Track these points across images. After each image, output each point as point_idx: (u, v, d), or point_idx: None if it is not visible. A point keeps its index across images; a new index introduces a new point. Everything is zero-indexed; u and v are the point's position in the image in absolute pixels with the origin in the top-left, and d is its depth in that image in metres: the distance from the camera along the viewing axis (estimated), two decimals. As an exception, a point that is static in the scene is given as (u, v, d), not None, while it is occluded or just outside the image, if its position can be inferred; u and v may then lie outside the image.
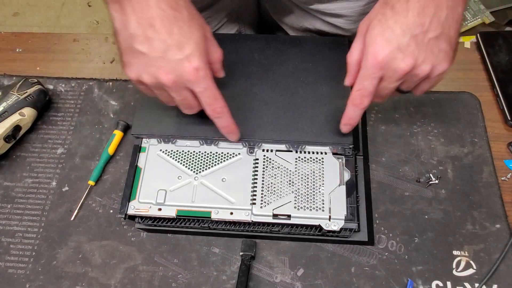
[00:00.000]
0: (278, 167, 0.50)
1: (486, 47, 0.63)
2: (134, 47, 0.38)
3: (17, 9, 1.73)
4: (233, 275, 0.50)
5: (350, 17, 0.56)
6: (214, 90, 0.41)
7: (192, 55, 0.38)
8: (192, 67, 0.38)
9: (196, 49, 0.38)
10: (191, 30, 0.38)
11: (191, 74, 0.38)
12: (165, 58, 0.38)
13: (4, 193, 0.57)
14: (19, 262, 0.52)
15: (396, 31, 0.37)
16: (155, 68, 0.39)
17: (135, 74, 0.40)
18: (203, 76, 0.39)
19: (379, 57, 0.38)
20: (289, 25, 0.68)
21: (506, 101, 0.59)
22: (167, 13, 0.37)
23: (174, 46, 0.37)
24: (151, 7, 0.36)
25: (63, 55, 0.68)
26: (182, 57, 0.38)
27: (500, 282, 0.49)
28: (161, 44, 0.37)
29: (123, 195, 0.49)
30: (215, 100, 0.42)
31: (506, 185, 0.54)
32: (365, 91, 0.41)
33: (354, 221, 0.47)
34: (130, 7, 0.37)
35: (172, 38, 0.37)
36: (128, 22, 0.37)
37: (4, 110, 0.56)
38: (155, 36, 0.37)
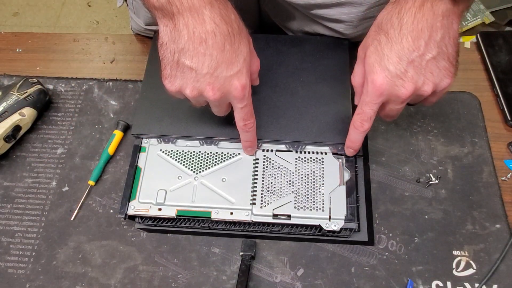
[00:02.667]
0: (278, 167, 0.50)
1: (486, 47, 0.63)
2: (183, 62, 0.38)
3: (17, 9, 1.72)
4: (233, 275, 0.50)
5: (350, 22, 0.56)
6: (251, 106, 0.42)
7: (241, 72, 0.38)
8: (240, 85, 0.38)
9: (244, 65, 0.38)
10: (241, 45, 0.38)
11: (238, 91, 0.38)
12: (214, 75, 0.37)
13: (4, 193, 0.57)
14: (19, 262, 0.52)
15: (392, 59, 0.37)
16: (202, 84, 0.38)
17: (177, 87, 0.40)
18: (248, 94, 0.39)
19: (378, 86, 0.38)
20: (289, 28, 0.68)
21: (506, 101, 0.59)
22: (220, 28, 0.36)
23: (225, 63, 0.37)
24: (205, 22, 0.36)
25: (63, 55, 0.68)
26: (232, 74, 0.37)
27: (500, 282, 0.49)
28: (211, 61, 0.37)
29: (123, 195, 0.49)
30: (251, 116, 0.43)
31: (506, 185, 0.54)
32: (364, 116, 0.41)
33: (354, 221, 0.47)
34: (183, 21, 0.36)
35: (223, 55, 0.37)
36: (179, 37, 0.37)
37: (4, 110, 0.56)
38: (206, 52, 0.36)
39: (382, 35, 0.38)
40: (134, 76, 0.64)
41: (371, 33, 0.41)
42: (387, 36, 0.38)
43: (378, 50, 0.38)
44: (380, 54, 0.38)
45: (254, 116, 0.43)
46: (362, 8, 0.54)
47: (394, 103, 0.41)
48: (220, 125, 0.50)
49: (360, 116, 0.42)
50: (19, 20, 1.70)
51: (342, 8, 0.55)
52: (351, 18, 0.55)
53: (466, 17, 1.16)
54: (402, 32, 0.37)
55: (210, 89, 0.38)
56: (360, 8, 0.54)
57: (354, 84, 0.44)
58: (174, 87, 0.40)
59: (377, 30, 0.39)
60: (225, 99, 0.40)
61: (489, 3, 1.19)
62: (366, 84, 0.40)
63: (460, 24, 0.39)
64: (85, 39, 0.69)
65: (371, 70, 0.39)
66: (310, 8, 0.57)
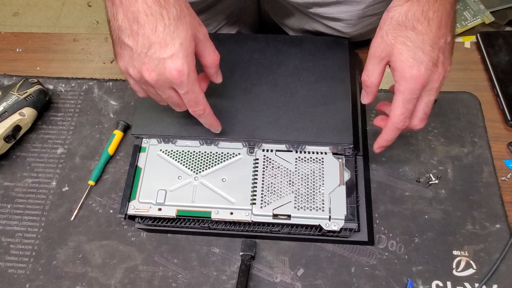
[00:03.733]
0: (278, 167, 0.50)
1: (486, 47, 0.63)
2: (122, 39, 0.38)
3: (17, 9, 1.72)
4: (233, 275, 0.50)
5: (349, 20, 0.56)
6: (196, 93, 0.40)
7: (175, 56, 0.37)
8: (174, 68, 0.37)
9: (180, 49, 0.37)
10: (178, 29, 0.37)
11: (172, 75, 0.38)
12: (148, 55, 0.37)
13: (4, 193, 0.57)
14: (19, 262, 0.52)
15: (426, 49, 0.39)
16: (140, 63, 0.38)
17: (124, 66, 0.40)
18: (186, 79, 0.38)
19: (420, 79, 0.40)
20: (289, 27, 0.69)
21: (506, 101, 0.59)
22: (152, 9, 0.36)
23: (157, 44, 0.37)
24: (137, 2, 0.36)
25: (63, 55, 0.68)
26: (165, 56, 0.37)
27: (500, 282, 0.49)
28: (144, 40, 0.37)
29: (123, 195, 0.49)
30: (196, 103, 0.42)
31: (506, 185, 0.54)
32: (408, 113, 0.42)
33: (354, 221, 0.47)
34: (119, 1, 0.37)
35: (155, 36, 0.36)
36: (117, 14, 0.37)
37: (4, 110, 0.56)
38: (139, 31, 0.37)
39: (409, 31, 0.40)
40: (134, 76, 0.64)
41: (389, 32, 0.41)
42: (415, 31, 0.39)
43: (409, 45, 0.40)
44: (413, 49, 0.40)
45: (203, 103, 0.42)
46: (360, 6, 0.54)
47: (430, 93, 0.42)
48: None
49: (405, 116, 0.42)
50: (19, 20, 1.70)
51: (340, 6, 0.55)
52: (350, 17, 0.55)
53: (466, 17, 1.16)
54: (430, 24, 0.39)
55: (145, 69, 0.38)
56: (359, 6, 0.54)
57: (367, 84, 0.44)
58: (122, 66, 0.40)
59: (399, 28, 0.40)
60: (164, 83, 0.39)
61: (489, 3, 1.19)
62: (404, 81, 0.41)
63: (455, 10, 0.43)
64: (85, 39, 0.69)
65: (407, 66, 0.40)
66: (309, 7, 0.57)
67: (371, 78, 0.43)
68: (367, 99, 0.46)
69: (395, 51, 0.41)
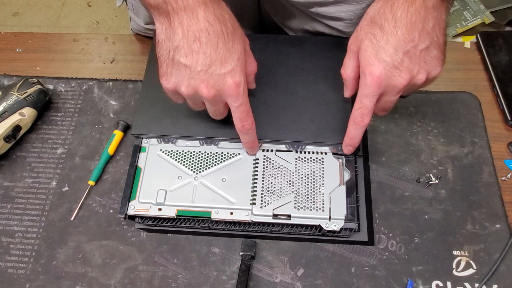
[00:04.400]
0: (278, 167, 0.50)
1: (486, 47, 0.63)
2: (177, 59, 0.38)
3: (17, 9, 1.72)
4: (233, 275, 0.50)
5: (350, 20, 0.56)
6: (248, 106, 0.42)
7: (234, 70, 0.38)
8: (233, 82, 0.38)
9: (238, 64, 0.39)
10: (235, 44, 0.38)
11: (232, 89, 0.39)
12: (208, 72, 0.38)
13: (4, 193, 0.57)
14: (19, 262, 0.52)
15: (388, 51, 0.39)
16: (197, 82, 0.39)
17: (173, 84, 0.40)
18: (242, 92, 0.40)
19: (377, 77, 0.39)
20: (289, 27, 0.69)
21: (506, 101, 0.59)
22: (214, 27, 0.37)
23: (218, 60, 0.38)
24: (199, 21, 0.37)
25: (63, 55, 0.68)
26: (225, 71, 0.38)
27: (500, 282, 0.49)
28: (206, 59, 0.37)
29: (123, 195, 0.49)
30: (247, 116, 0.43)
31: (506, 185, 0.54)
32: (365, 109, 0.42)
33: (354, 221, 0.47)
34: (178, 20, 0.37)
35: (216, 53, 0.37)
36: (173, 35, 0.38)
37: (4, 110, 0.56)
38: (200, 49, 0.37)
39: (376, 28, 0.39)
40: (134, 76, 0.64)
41: (362, 27, 0.41)
42: (382, 29, 0.39)
43: (374, 43, 0.39)
44: (376, 46, 0.39)
45: (252, 117, 0.43)
46: (361, 5, 0.54)
47: (391, 94, 0.42)
48: (220, 125, 0.50)
49: (361, 110, 0.42)
50: (19, 20, 1.70)
51: (341, 6, 0.55)
52: (351, 16, 0.56)
53: (466, 17, 1.16)
54: (397, 25, 0.38)
55: (204, 87, 0.39)
56: (359, 5, 0.54)
57: (344, 77, 0.45)
58: (170, 84, 0.40)
59: (370, 24, 0.40)
60: (219, 98, 0.40)
61: (489, 3, 1.19)
62: (364, 77, 0.41)
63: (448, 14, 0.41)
64: (85, 39, 0.69)
65: (368, 63, 0.40)
66: (310, 6, 0.57)
67: (347, 71, 0.44)
68: (347, 93, 0.47)
69: (362, 46, 0.41)
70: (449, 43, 0.68)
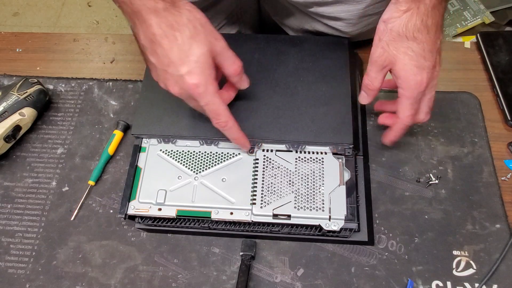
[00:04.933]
0: (278, 167, 0.50)
1: (486, 47, 0.63)
2: (147, 56, 0.42)
3: (17, 9, 1.72)
4: (233, 275, 0.50)
5: (350, 20, 0.56)
6: (216, 105, 0.42)
7: (191, 72, 0.40)
8: (191, 84, 0.40)
9: (196, 66, 0.40)
10: (191, 48, 0.39)
11: (192, 90, 0.40)
12: (168, 72, 0.40)
13: (4, 193, 0.57)
14: (19, 262, 0.52)
15: (427, 56, 0.42)
16: (164, 79, 0.42)
17: (155, 78, 0.44)
18: (204, 92, 0.41)
19: (423, 83, 0.43)
20: (289, 26, 0.69)
21: (506, 101, 0.59)
22: (166, 32, 0.39)
23: (174, 63, 0.39)
24: (153, 26, 0.39)
25: (63, 55, 0.68)
26: (183, 73, 0.40)
27: (500, 282, 0.49)
28: (164, 59, 0.40)
29: (123, 195, 0.49)
30: (218, 114, 0.43)
31: (506, 185, 0.54)
32: (415, 112, 0.46)
33: (354, 221, 0.47)
34: (139, 23, 0.40)
35: (172, 55, 0.39)
36: (139, 35, 0.41)
37: (4, 110, 0.56)
38: (158, 51, 0.40)
39: (409, 41, 0.42)
40: (134, 76, 0.64)
41: (390, 43, 0.43)
42: (416, 40, 0.42)
43: (411, 55, 0.42)
44: (415, 57, 0.42)
45: (227, 115, 0.44)
46: (361, 6, 0.54)
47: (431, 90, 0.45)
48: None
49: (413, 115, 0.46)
50: (19, 20, 1.70)
51: (340, 6, 0.55)
52: (350, 16, 0.56)
53: (466, 17, 1.16)
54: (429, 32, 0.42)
55: (169, 84, 0.41)
56: (359, 6, 0.54)
57: (371, 88, 0.47)
58: (154, 77, 0.44)
59: (400, 39, 0.42)
60: (187, 96, 0.42)
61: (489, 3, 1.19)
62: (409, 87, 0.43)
63: None
64: (85, 39, 0.69)
65: (412, 74, 0.43)
66: (309, 6, 0.57)
67: (375, 83, 0.46)
68: (367, 100, 0.49)
69: (398, 61, 0.43)
70: (449, 43, 0.68)
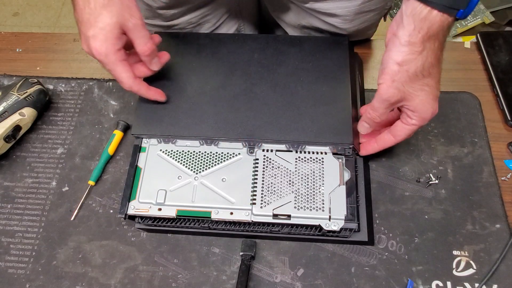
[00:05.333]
0: (278, 167, 0.50)
1: (486, 47, 0.63)
2: None
3: (17, 9, 1.72)
4: (233, 275, 0.50)
5: (346, 16, 0.57)
6: (118, 73, 0.45)
7: (95, 37, 0.43)
8: (93, 47, 0.43)
9: (100, 33, 0.43)
10: (101, 15, 0.43)
11: (94, 53, 0.44)
12: (81, 30, 0.44)
13: (4, 193, 0.57)
14: (19, 262, 0.52)
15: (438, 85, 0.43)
16: (79, 33, 0.45)
17: None
18: (105, 59, 0.44)
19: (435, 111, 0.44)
20: (286, 22, 0.69)
21: (506, 101, 0.59)
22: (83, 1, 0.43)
23: (84, 24, 0.43)
24: None
25: (63, 55, 0.68)
26: (88, 35, 0.43)
27: (500, 282, 0.49)
28: (78, 16, 0.44)
29: (123, 195, 0.49)
30: (121, 82, 0.46)
31: (506, 185, 0.54)
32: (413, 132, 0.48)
33: (354, 221, 0.47)
34: None
35: (84, 16, 0.43)
36: None
37: (4, 110, 0.56)
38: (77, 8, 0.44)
39: (426, 78, 0.42)
40: (134, 76, 0.64)
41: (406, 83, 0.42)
42: (431, 76, 0.42)
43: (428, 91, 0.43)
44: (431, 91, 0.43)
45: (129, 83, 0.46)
46: (357, 2, 0.54)
47: None
48: (220, 125, 0.50)
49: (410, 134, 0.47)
50: (19, 20, 1.70)
51: (337, 2, 0.55)
52: (347, 12, 0.56)
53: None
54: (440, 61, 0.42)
55: (81, 41, 0.45)
56: (355, 2, 0.54)
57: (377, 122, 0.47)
58: None
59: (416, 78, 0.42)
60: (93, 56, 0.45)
61: (489, 3, 1.19)
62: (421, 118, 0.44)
63: None
64: (85, 39, 0.69)
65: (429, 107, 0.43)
66: (305, 1, 0.57)
67: (382, 117, 0.46)
68: (368, 131, 0.48)
69: (415, 98, 0.43)
70: (449, 43, 0.68)
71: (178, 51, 0.55)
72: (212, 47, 0.56)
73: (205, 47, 0.56)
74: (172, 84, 0.53)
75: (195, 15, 0.66)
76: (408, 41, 0.40)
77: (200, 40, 0.56)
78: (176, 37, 0.57)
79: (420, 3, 0.38)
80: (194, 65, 0.54)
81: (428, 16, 0.38)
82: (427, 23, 0.39)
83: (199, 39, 0.57)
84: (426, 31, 0.39)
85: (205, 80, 0.53)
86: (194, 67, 0.54)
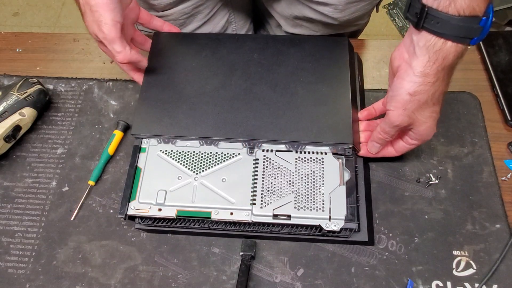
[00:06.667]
0: (278, 167, 0.50)
1: (486, 47, 0.63)
2: None
3: (17, 9, 1.72)
4: (233, 275, 0.50)
5: (337, 5, 0.58)
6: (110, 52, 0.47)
7: None
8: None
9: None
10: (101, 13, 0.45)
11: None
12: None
13: (4, 193, 0.57)
14: (19, 262, 0.52)
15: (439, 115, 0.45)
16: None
17: None
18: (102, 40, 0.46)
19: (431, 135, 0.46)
20: (279, 12, 0.69)
21: (506, 101, 0.59)
22: None
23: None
24: None
25: (63, 55, 0.68)
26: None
27: (500, 282, 0.49)
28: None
29: (123, 195, 0.49)
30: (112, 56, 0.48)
31: (506, 185, 0.54)
32: None
33: (354, 221, 0.47)
34: None
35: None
36: None
37: (4, 110, 0.56)
38: None
39: (435, 106, 0.43)
40: (134, 76, 0.64)
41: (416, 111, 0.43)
42: (439, 103, 0.44)
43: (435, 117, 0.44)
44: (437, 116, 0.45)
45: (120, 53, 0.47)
46: None
47: None
48: (220, 125, 0.50)
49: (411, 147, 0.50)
50: (19, 20, 1.70)
51: None
52: (338, 2, 0.57)
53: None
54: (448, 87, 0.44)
55: None
56: None
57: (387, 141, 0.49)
58: None
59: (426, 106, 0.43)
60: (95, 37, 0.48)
61: (489, 3, 1.19)
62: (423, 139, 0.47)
63: None
64: (85, 39, 0.69)
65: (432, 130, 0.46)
66: None
67: (392, 138, 0.49)
68: (377, 150, 0.51)
69: (423, 124, 0.45)
70: (449, 43, 0.67)
71: (178, 51, 0.55)
72: (212, 47, 0.56)
73: (205, 47, 0.56)
74: (172, 84, 0.53)
75: (188, 5, 0.66)
76: (422, 72, 0.40)
77: (200, 40, 0.57)
78: (176, 37, 0.57)
79: (434, 35, 0.38)
80: (194, 65, 0.54)
81: (443, 47, 0.39)
82: (442, 53, 0.39)
83: (199, 39, 0.57)
84: (441, 61, 0.39)
85: (205, 80, 0.53)
86: (194, 67, 0.54)
